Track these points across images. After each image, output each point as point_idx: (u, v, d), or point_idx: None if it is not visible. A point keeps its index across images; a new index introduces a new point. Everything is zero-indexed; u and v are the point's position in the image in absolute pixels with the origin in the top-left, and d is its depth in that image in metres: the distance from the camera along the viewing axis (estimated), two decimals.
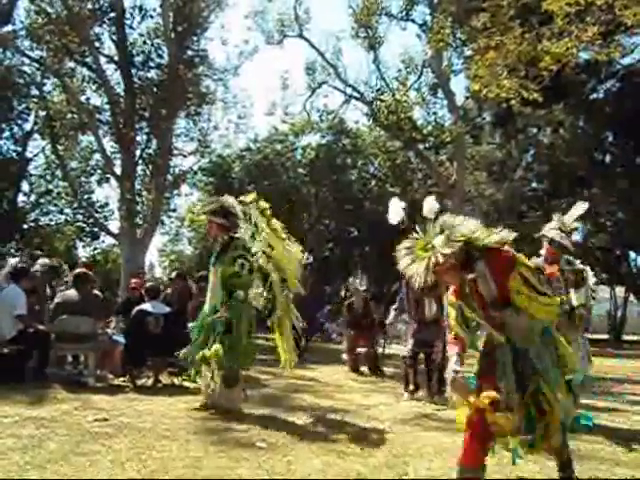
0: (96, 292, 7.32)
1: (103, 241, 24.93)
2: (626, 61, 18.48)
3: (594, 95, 20.39)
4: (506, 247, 2.98)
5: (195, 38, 18.82)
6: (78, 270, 7.53)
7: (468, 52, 17.00)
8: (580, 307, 4.89)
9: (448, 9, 16.19)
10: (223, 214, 5.26)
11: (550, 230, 5.06)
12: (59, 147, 19.49)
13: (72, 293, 6.89)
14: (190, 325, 6.93)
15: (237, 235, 5.35)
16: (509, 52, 11.38)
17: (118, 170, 17.96)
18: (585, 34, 10.76)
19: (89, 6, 17.48)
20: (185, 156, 21.46)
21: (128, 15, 18.14)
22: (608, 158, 21.21)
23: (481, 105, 21.09)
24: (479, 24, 13.21)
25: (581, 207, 5.03)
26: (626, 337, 23.92)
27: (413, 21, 20.06)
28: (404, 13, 19.81)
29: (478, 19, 13.26)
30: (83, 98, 18.53)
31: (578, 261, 5.24)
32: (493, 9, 12.35)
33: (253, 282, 5.37)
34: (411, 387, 6.64)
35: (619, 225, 21.03)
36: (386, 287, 22.48)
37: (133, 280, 9.42)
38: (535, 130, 21.61)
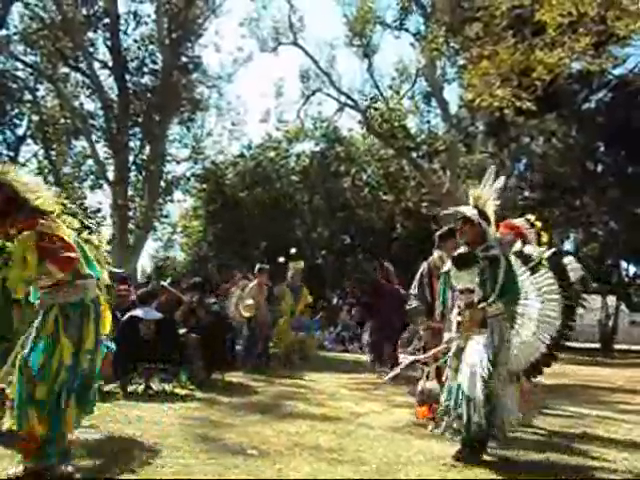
0: None
1: None
2: (618, 71, 18.74)
3: (586, 105, 20.54)
4: None
5: (189, 44, 18.93)
6: None
7: (462, 61, 17.11)
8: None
9: (442, 18, 16.32)
10: None
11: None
12: (52, 152, 19.47)
13: None
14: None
15: None
16: (502, 62, 11.46)
17: (111, 176, 17.96)
18: (577, 44, 10.87)
19: (83, 12, 17.55)
20: (178, 162, 21.56)
21: (122, 21, 18.26)
22: (600, 168, 21.34)
23: (474, 114, 21.19)
24: (472, 34, 13.35)
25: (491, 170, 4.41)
26: (617, 346, 23.99)
27: (407, 30, 20.19)
28: (398, 22, 19.93)
29: (471, 29, 13.41)
30: (76, 103, 18.58)
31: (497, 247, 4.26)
32: (486, 19, 12.48)
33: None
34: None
35: (611, 234, 21.12)
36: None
37: (121, 287, 9.21)
38: (528, 139, 21.70)
